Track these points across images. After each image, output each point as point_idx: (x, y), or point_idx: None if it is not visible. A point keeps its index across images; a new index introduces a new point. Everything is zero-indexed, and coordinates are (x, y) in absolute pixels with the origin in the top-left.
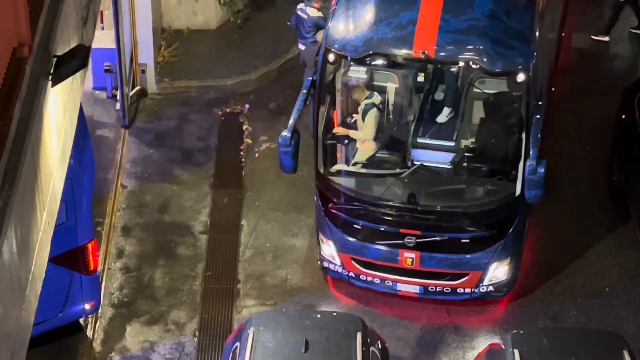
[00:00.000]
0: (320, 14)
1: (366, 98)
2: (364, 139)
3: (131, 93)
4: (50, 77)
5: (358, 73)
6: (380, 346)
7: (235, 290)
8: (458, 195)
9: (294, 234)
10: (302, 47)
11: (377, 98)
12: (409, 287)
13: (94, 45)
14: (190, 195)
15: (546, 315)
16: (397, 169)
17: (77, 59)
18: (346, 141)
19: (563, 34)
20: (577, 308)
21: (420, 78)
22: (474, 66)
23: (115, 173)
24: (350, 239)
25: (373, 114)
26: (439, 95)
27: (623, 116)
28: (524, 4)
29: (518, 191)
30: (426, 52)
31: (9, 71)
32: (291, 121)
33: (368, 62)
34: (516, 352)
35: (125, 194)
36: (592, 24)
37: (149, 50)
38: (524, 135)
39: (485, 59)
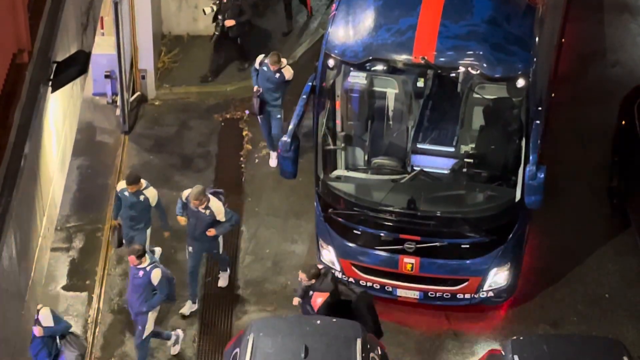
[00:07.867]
0: (289, 72)
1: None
2: None
3: (131, 99)
4: (50, 83)
5: (358, 78)
6: (379, 352)
7: (235, 296)
8: (458, 201)
9: (293, 240)
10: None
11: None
12: (409, 292)
13: (94, 51)
14: None
15: (546, 321)
16: (397, 175)
17: (77, 65)
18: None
19: (563, 40)
20: (577, 314)
21: (420, 83)
22: (473, 72)
23: (115, 179)
24: (350, 244)
25: None
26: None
27: (623, 123)
28: (523, 10)
29: (518, 197)
30: (426, 58)
31: (9, 77)
32: (291, 126)
33: (368, 67)
34: (516, 358)
35: None
36: (592, 31)
37: (149, 56)
38: (523, 141)
39: (485, 65)
